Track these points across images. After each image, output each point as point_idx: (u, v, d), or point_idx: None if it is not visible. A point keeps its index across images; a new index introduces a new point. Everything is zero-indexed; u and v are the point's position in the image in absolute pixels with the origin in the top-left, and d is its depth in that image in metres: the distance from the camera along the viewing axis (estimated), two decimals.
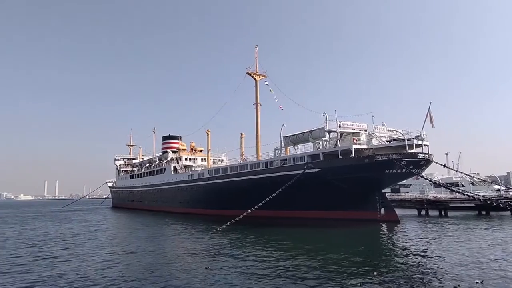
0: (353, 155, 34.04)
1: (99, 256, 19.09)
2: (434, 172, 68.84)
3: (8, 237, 29.02)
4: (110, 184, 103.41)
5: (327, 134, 37.17)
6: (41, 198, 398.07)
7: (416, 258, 16.89)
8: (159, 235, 28.93)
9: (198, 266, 15.46)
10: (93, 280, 13.50)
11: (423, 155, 33.63)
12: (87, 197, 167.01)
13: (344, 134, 38.25)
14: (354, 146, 34.56)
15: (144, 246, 22.39)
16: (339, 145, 35.70)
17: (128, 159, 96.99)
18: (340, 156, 34.69)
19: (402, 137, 35.25)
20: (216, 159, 66.60)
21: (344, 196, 34.41)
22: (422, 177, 38.68)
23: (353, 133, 37.48)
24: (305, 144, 41.43)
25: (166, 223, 38.73)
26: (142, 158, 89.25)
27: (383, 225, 31.92)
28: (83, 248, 22.20)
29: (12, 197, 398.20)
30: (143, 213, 60.32)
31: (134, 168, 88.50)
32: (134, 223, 42.77)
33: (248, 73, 52.29)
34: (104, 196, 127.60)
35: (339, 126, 36.40)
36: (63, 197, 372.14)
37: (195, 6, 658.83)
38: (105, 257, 18.59)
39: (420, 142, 34.72)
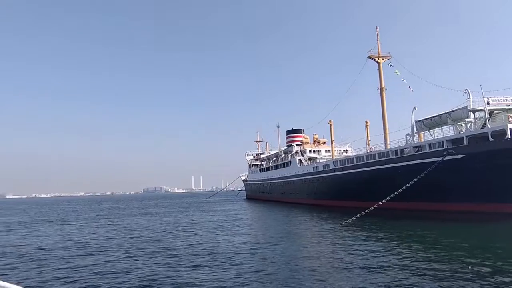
0: (510, 137, 28.16)
1: (237, 244, 21.50)
2: None
3: (175, 223, 35.60)
4: (243, 178, 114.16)
5: (471, 114, 31.85)
6: (189, 190, 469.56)
7: None
8: (290, 225, 30.44)
9: (330, 257, 15.70)
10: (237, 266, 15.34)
11: None
12: (225, 189, 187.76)
13: (495, 112, 32.02)
14: (511, 126, 28.55)
15: (277, 235, 24.01)
16: (489, 126, 30.10)
17: (256, 154, 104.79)
18: (491, 139, 29.23)
19: None
20: (340, 150, 65.32)
21: (497, 186, 28.91)
22: None
23: (508, 110, 31.00)
24: (442, 127, 36.55)
25: (295, 214, 40.31)
26: (269, 153, 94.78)
27: None
28: (226, 236, 25.31)
29: (169, 190, 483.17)
30: (273, 204, 64.39)
31: (262, 162, 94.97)
32: (266, 213, 46.16)
33: (369, 57, 49.27)
34: (239, 189, 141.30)
35: (487, 104, 30.69)
36: (206, 190, 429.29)
37: None
38: (241, 247, 20.77)
39: None
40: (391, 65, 48.08)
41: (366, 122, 54.47)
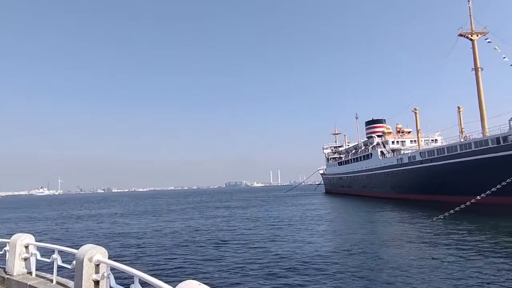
0: None
1: (318, 237, 21.66)
2: None
3: (254, 215, 37.38)
4: (321, 172, 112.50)
5: None
6: (268, 184, 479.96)
7: None
8: (375, 220, 29.38)
9: (423, 255, 14.91)
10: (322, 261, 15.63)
11: None
12: (303, 183, 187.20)
13: None
14: None
15: (362, 231, 23.52)
16: None
17: (334, 147, 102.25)
18: None
19: None
20: (428, 140, 59.95)
21: None
22: None
23: None
24: None
25: (379, 209, 38.59)
26: (348, 145, 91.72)
27: None
28: (306, 231, 25.68)
29: (249, 184, 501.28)
30: (354, 198, 62.36)
31: (341, 155, 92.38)
32: (346, 207, 45.09)
33: (460, 35, 44.00)
34: (317, 183, 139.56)
35: None
36: (283, 184, 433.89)
37: None
38: (323, 242, 20.87)
39: None
40: (489, 42, 42.35)
41: (459, 108, 48.97)
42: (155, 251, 18.13)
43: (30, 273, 7.29)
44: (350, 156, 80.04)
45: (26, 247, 7.49)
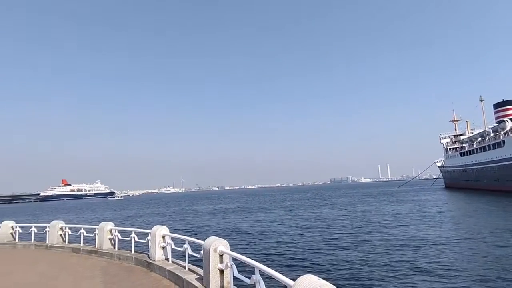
0: None
1: (446, 238, 19.40)
2: None
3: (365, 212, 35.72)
4: (438, 164, 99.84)
5: None
6: (376, 180, 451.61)
7: None
8: None
9: None
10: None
11: None
12: (417, 178, 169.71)
13: None
14: None
15: (505, 235, 20.22)
16: None
17: (454, 135, 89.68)
18: None
19: None
20: None
21: None
22: None
23: None
24: None
25: None
26: (471, 133, 79.36)
27: None
28: (431, 228, 23.31)
29: (356, 179, 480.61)
30: (482, 194, 53.57)
31: (463, 145, 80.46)
32: (475, 204, 39.05)
33: None
34: (434, 177, 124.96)
35: None
36: (394, 179, 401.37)
37: None
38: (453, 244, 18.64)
39: None
40: None
41: None
42: (270, 245, 19.06)
43: (167, 259, 8.55)
44: (475, 145, 69.05)
45: (163, 237, 8.82)
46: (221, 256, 6.01)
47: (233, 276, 5.53)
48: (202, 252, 6.39)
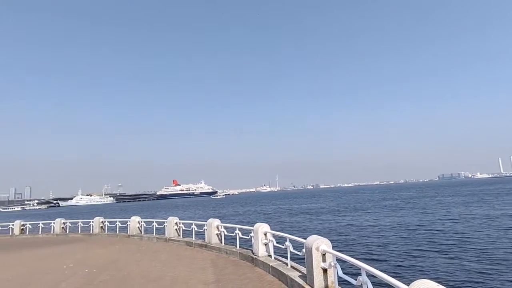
0: None
1: None
2: None
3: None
4: None
5: None
6: (497, 175, 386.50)
7: None
8: None
9: None
10: None
11: None
12: None
13: None
14: None
15: None
16: None
17: None
18: None
19: None
20: None
21: None
22: None
23: None
24: None
25: None
26: None
27: None
28: None
29: (470, 175, 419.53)
30: None
31: None
32: None
33: None
34: None
35: None
36: None
37: None
38: None
39: None
40: None
41: None
42: (371, 246, 18.17)
43: (270, 255, 8.90)
44: None
45: (265, 234, 9.22)
46: (323, 255, 5.98)
47: (338, 276, 5.46)
48: (303, 250, 6.47)
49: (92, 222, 21.10)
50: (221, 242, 12.16)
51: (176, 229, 15.42)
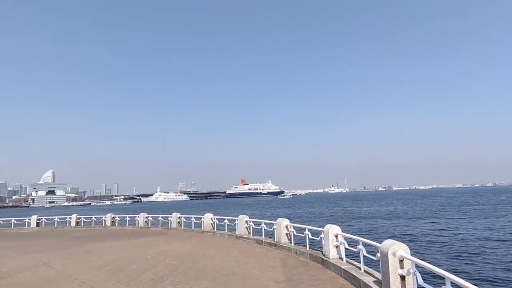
0: None
1: None
2: None
3: None
4: None
5: None
6: None
7: None
8: None
9: None
10: None
11: None
12: None
13: None
14: None
15: None
16: None
17: None
18: None
19: None
20: None
21: None
22: None
23: None
24: None
25: None
26: None
27: None
28: None
29: None
30: None
31: None
32: None
33: None
34: None
35: None
36: None
37: None
38: None
39: None
40: None
41: None
42: (451, 254, 16.56)
43: (341, 258, 8.69)
44: None
45: (336, 236, 9.03)
46: (401, 261, 5.66)
47: (418, 284, 5.11)
48: (378, 254, 6.20)
49: (170, 217, 22.85)
50: (291, 242, 12.22)
51: (246, 227, 15.91)
